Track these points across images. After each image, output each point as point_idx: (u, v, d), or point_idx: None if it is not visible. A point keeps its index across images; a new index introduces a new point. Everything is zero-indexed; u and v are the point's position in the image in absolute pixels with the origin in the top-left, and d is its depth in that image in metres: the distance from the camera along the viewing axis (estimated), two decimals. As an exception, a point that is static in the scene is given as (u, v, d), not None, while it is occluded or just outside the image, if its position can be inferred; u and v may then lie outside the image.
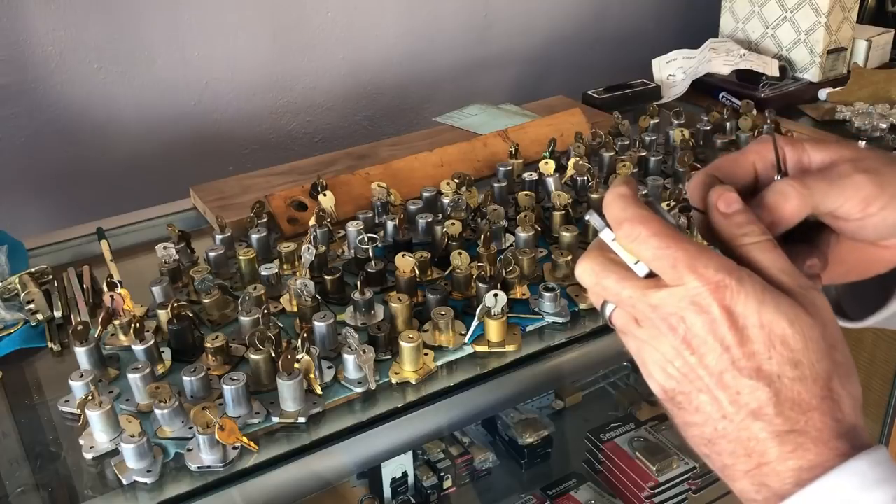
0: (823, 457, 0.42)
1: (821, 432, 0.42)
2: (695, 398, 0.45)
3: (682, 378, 0.45)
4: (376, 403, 0.75)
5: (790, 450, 0.42)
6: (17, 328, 0.86)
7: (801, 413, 0.42)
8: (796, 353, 0.43)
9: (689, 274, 0.42)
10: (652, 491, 1.33)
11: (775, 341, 0.43)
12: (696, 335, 0.43)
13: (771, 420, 0.43)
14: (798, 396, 0.43)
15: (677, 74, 1.51)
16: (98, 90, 1.21)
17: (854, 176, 0.46)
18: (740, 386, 0.43)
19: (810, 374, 0.43)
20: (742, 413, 0.43)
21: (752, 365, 0.43)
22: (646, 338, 0.46)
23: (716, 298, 0.42)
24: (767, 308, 0.42)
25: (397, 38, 1.46)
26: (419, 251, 0.91)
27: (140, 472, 0.67)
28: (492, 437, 1.44)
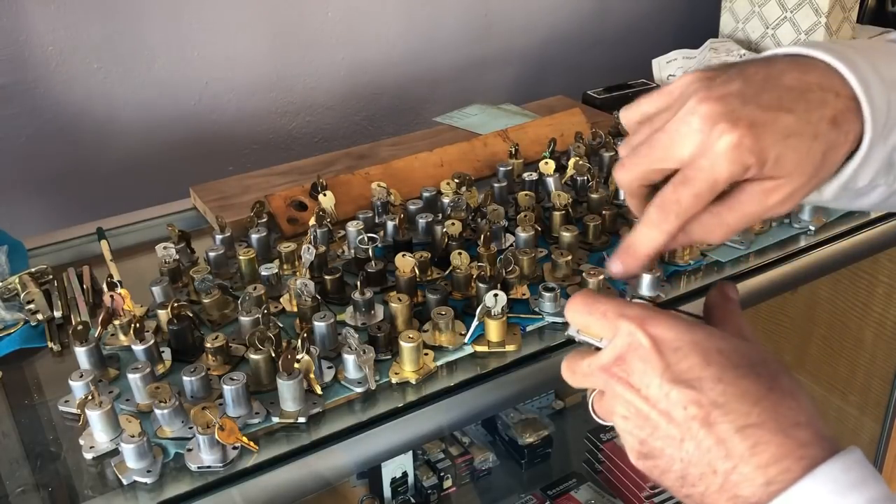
0: (785, 447, 0.42)
1: (777, 422, 0.42)
2: (656, 437, 0.46)
3: (641, 425, 0.47)
4: (376, 403, 0.75)
5: (751, 445, 0.42)
6: (17, 328, 0.86)
7: (751, 405, 0.43)
8: (734, 357, 0.45)
9: (618, 319, 0.48)
10: (652, 491, 1.33)
11: (710, 352, 0.45)
12: (635, 371, 0.47)
13: (723, 420, 0.43)
14: (745, 389, 0.44)
15: (677, 74, 1.50)
16: (98, 90, 1.21)
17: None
18: (685, 399, 0.44)
19: (753, 372, 0.45)
20: (696, 425, 0.44)
21: (692, 376, 0.45)
22: (608, 407, 0.49)
23: (643, 330, 0.46)
24: (696, 329, 0.46)
25: (397, 38, 1.46)
26: (419, 251, 0.91)
27: (140, 472, 0.67)
28: (492, 437, 1.44)
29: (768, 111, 0.45)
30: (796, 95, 0.46)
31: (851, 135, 0.47)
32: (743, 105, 0.45)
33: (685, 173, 0.46)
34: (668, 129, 0.47)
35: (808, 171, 0.46)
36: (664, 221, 0.48)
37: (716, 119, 0.45)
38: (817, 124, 0.45)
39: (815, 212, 1.02)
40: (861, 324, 1.48)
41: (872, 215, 1.05)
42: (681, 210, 0.47)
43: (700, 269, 0.95)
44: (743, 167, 0.45)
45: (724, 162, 0.45)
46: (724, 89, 0.46)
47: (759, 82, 0.46)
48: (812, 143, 0.45)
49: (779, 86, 0.46)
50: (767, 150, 0.45)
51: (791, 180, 0.46)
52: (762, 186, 0.47)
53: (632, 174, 0.49)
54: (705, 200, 0.47)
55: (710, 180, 0.46)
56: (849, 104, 0.46)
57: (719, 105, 0.45)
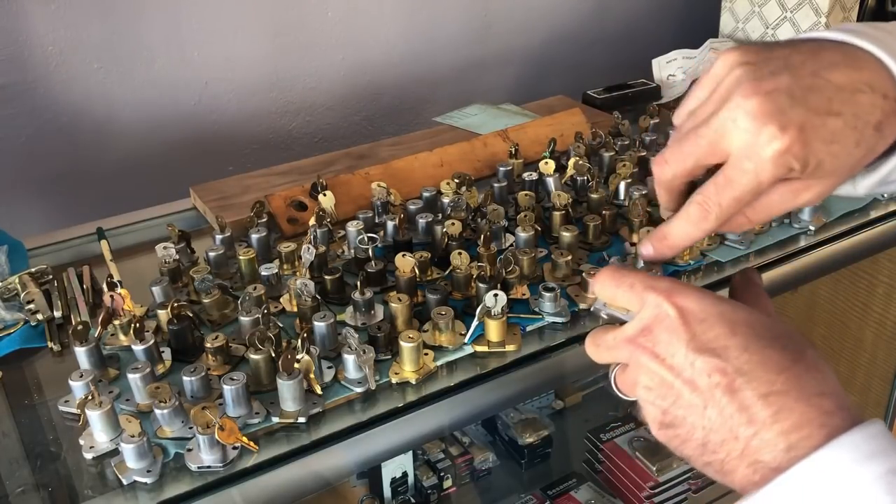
0: (807, 415, 0.42)
1: (800, 390, 0.42)
2: (679, 405, 0.46)
3: (664, 394, 0.47)
4: (376, 403, 0.75)
5: (774, 412, 0.42)
6: (17, 328, 0.86)
7: (776, 373, 0.43)
8: (759, 328, 0.45)
9: (646, 291, 0.48)
10: (652, 491, 1.33)
11: (737, 323, 0.45)
12: (660, 341, 0.47)
13: (747, 387, 0.43)
14: (769, 359, 0.44)
15: (677, 74, 1.51)
16: (98, 90, 1.21)
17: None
18: (709, 366, 0.44)
19: (780, 343, 0.45)
20: (719, 392, 0.44)
21: (718, 344, 0.45)
22: (631, 378, 0.49)
23: (670, 302, 0.47)
24: (724, 302, 0.47)
25: (397, 39, 1.46)
26: (419, 251, 0.91)
27: (140, 472, 0.67)
28: (492, 437, 1.44)
29: (817, 114, 0.43)
30: (846, 97, 0.44)
31: (891, 137, 0.46)
32: (792, 105, 0.43)
33: (728, 174, 0.46)
34: (713, 124, 0.45)
35: (844, 174, 0.46)
36: (703, 221, 0.48)
37: (764, 119, 0.43)
38: (863, 130, 0.44)
39: (815, 212, 1.02)
40: (861, 324, 1.48)
41: (872, 215, 1.05)
42: (721, 212, 0.47)
43: (700, 268, 0.95)
44: (787, 171, 0.44)
45: (770, 167, 0.44)
46: (771, 83, 0.44)
47: (807, 77, 0.44)
48: (854, 149, 0.45)
49: (829, 84, 0.44)
50: (812, 157, 0.44)
51: (823, 181, 0.46)
52: (792, 186, 0.46)
53: (674, 170, 0.49)
54: (746, 203, 0.47)
55: (753, 184, 0.45)
56: (894, 106, 0.45)
57: (768, 103, 0.43)
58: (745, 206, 0.47)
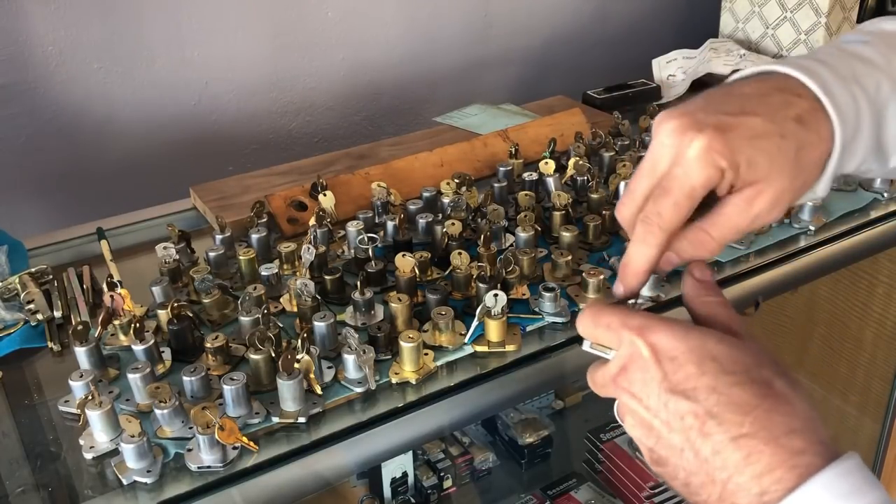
0: (777, 457, 0.42)
1: (769, 430, 0.43)
2: (662, 445, 0.47)
3: (647, 433, 0.48)
4: (376, 403, 0.75)
5: (745, 455, 0.43)
6: (17, 328, 0.86)
7: (744, 415, 0.43)
8: (728, 363, 0.45)
9: (621, 329, 0.49)
10: (652, 491, 1.33)
11: (704, 359, 0.46)
12: (635, 381, 0.48)
13: (717, 431, 0.44)
14: (738, 398, 0.44)
15: (677, 74, 1.51)
16: (98, 90, 1.21)
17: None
18: (681, 409, 0.45)
19: (747, 379, 0.45)
20: (693, 435, 0.45)
21: (688, 386, 0.45)
22: (621, 416, 0.51)
23: (643, 340, 0.47)
24: (692, 335, 0.47)
25: (397, 39, 1.46)
26: (419, 251, 0.91)
27: (140, 472, 0.67)
28: (492, 437, 1.44)
29: (733, 116, 0.47)
30: (757, 100, 0.48)
31: (824, 132, 0.48)
32: (707, 114, 0.47)
33: (662, 185, 0.48)
34: (647, 155, 0.49)
35: (786, 172, 0.47)
36: (650, 234, 0.49)
37: (683, 129, 0.47)
38: (783, 123, 0.47)
39: (815, 212, 1.02)
40: (861, 324, 1.48)
41: (872, 215, 1.05)
42: (663, 222, 0.49)
43: (700, 269, 0.95)
44: (717, 170, 0.46)
45: (697, 167, 0.46)
46: (687, 108, 0.48)
47: (719, 96, 0.49)
48: (781, 141, 0.47)
49: (739, 95, 0.48)
50: (737, 152, 0.46)
51: (770, 183, 0.47)
52: (743, 195, 0.48)
53: (629, 208, 0.51)
54: (685, 209, 0.48)
55: (686, 188, 0.47)
56: (813, 104, 0.48)
57: (685, 118, 0.47)
58: (686, 214, 0.48)
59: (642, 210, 0.50)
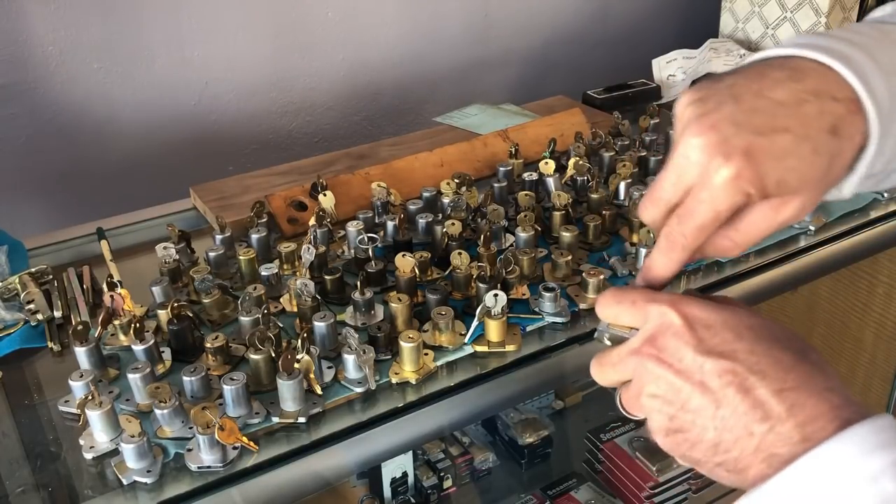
0: (819, 408, 0.43)
1: (810, 386, 0.44)
2: (688, 409, 0.47)
3: (672, 399, 0.48)
4: (376, 403, 0.75)
5: (788, 407, 0.44)
6: (17, 328, 0.86)
7: (786, 371, 0.45)
8: (764, 331, 0.47)
9: (648, 304, 0.49)
10: (652, 491, 1.33)
11: (740, 328, 0.47)
12: (666, 347, 0.48)
13: (760, 385, 0.45)
14: (777, 360, 0.45)
15: (677, 74, 1.51)
16: (98, 90, 1.21)
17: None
18: (720, 367, 0.46)
19: (783, 344, 0.46)
20: (732, 391, 0.45)
21: (726, 348, 0.46)
22: (635, 390, 0.50)
23: (675, 310, 0.48)
24: (726, 308, 0.48)
25: (397, 39, 1.46)
26: (419, 251, 0.91)
27: (140, 472, 0.67)
28: (492, 437, 1.44)
29: (762, 135, 0.45)
30: (790, 111, 0.45)
31: (857, 136, 0.46)
32: (737, 132, 0.45)
33: (688, 205, 0.48)
34: (672, 165, 0.48)
35: (815, 184, 0.46)
36: (672, 251, 0.50)
37: (711, 151, 0.45)
38: (816, 138, 0.45)
39: (815, 212, 1.02)
40: (861, 324, 1.48)
41: (872, 215, 1.05)
42: (687, 242, 0.49)
43: (700, 269, 0.95)
44: (744, 196, 0.45)
45: (723, 194, 0.45)
46: (716, 115, 0.46)
47: (750, 101, 0.46)
48: (813, 158, 0.45)
49: (771, 102, 0.46)
50: (766, 177, 0.45)
51: (798, 195, 0.46)
52: (770, 205, 0.47)
53: (652, 214, 0.51)
54: (710, 231, 0.48)
55: (711, 212, 0.47)
56: (849, 106, 0.46)
57: (713, 135, 0.45)
58: (710, 233, 0.48)
59: (666, 219, 0.50)
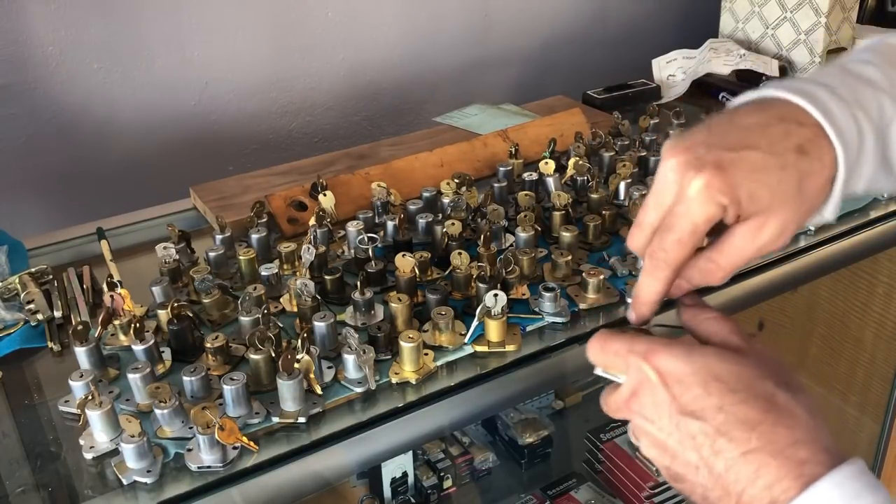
0: (784, 468, 0.44)
1: (774, 444, 0.45)
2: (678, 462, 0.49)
3: (662, 453, 0.50)
4: (376, 403, 0.75)
5: (755, 469, 0.45)
6: (17, 328, 0.86)
7: (750, 430, 0.46)
8: (731, 381, 0.48)
9: (628, 355, 0.51)
10: (652, 491, 1.33)
11: (709, 379, 0.48)
12: (646, 405, 0.50)
13: (727, 448, 0.46)
14: (744, 416, 0.46)
15: (677, 74, 1.51)
16: (98, 90, 1.21)
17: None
18: (692, 429, 0.48)
19: (750, 395, 0.47)
20: (706, 452, 0.47)
21: (696, 407, 0.48)
22: (637, 437, 0.53)
23: (650, 365, 0.50)
24: (695, 356, 0.49)
25: (397, 39, 1.46)
26: (419, 251, 0.91)
27: (140, 472, 0.67)
28: (492, 437, 1.44)
29: (732, 151, 0.48)
30: (758, 132, 0.49)
31: (827, 158, 0.49)
32: (708, 150, 0.48)
33: (667, 221, 0.50)
34: (653, 190, 0.51)
35: (789, 202, 0.49)
36: (657, 269, 0.52)
37: (685, 167, 0.48)
38: (784, 155, 0.48)
39: (815, 212, 1.02)
40: (861, 324, 1.48)
41: (872, 215, 1.05)
42: (668, 257, 0.51)
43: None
44: (718, 206, 0.48)
45: (698, 204, 0.48)
46: (690, 141, 0.49)
47: (722, 127, 0.50)
48: (781, 173, 0.48)
49: (741, 127, 0.50)
50: (737, 188, 0.47)
51: (774, 214, 0.49)
52: (749, 226, 0.49)
53: (639, 240, 0.54)
54: (689, 245, 0.50)
55: (688, 225, 0.49)
56: (815, 131, 0.49)
57: (687, 154, 0.48)
58: (691, 248, 0.51)
59: (651, 242, 0.52)
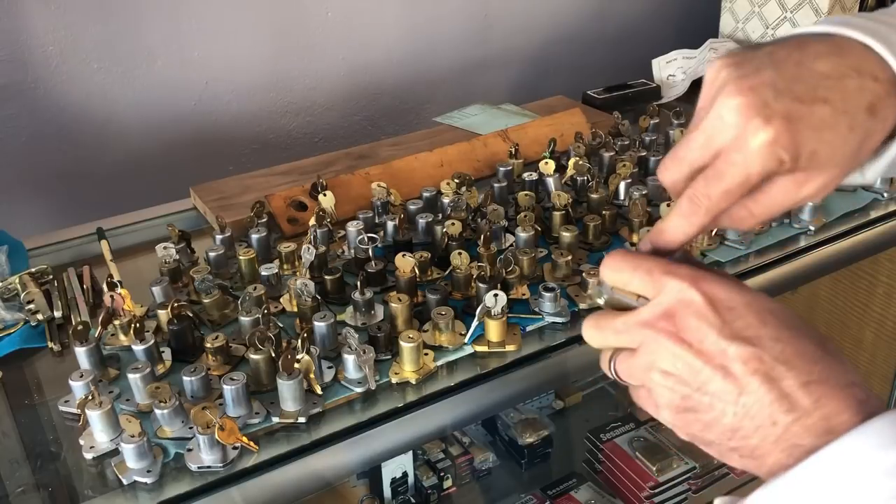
0: (846, 402, 0.43)
1: (835, 379, 0.44)
2: (705, 391, 0.46)
3: (689, 379, 0.46)
4: (376, 403, 0.75)
5: (815, 399, 0.43)
6: (17, 328, 0.86)
7: (812, 363, 0.44)
8: (787, 319, 0.46)
9: (666, 276, 0.47)
10: (652, 491, 1.33)
11: (764, 313, 0.46)
12: (687, 327, 0.46)
13: (787, 376, 0.44)
14: (802, 350, 0.44)
15: (677, 74, 1.51)
16: (98, 90, 1.21)
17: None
18: (745, 354, 0.44)
19: (806, 334, 0.45)
20: (756, 381, 0.44)
21: (751, 333, 0.45)
22: (643, 363, 0.48)
23: (697, 288, 0.46)
24: (746, 290, 0.46)
25: (397, 39, 1.46)
26: (419, 251, 0.91)
27: (140, 472, 0.67)
28: (492, 437, 1.44)
29: (803, 103, 0.43)
30: (832, 83, 0.44)
31: (890, 119, 0.45)
32: (776, 97, 0.43)
33: (717, 167, 0.46)
34: (704, 126, 0.46)
35: (842, 163, 0.45)
36: (694, 215, 0.47)
37: (749, 113, 0.43)
38: (854, 115, 0.44)
39: (815, 212, 1.02)
40: (861, 324, 1.48)
41: (872, 215, 1.05)
42: (711, 205, 0.46)
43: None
44: (777, 163, 0.44)
45: (758, 158, 0.44)
46: (755, 79, 0.44)
47: (791, 69, 0.44)
48: (848, 134, 0.44)
49: (813, 73, 0.44)
50: (802, 146, 0.43)
51: (824, 172, 0.45)
52: (794, 178, 0.46)
53: (672, 175, 0.49)
54: (736, 196, 0.46)
55: (742, 176, 0.45)
56: (888, 88, 0.45)
57: (752, 96, 0.43)
58: (736, 200, 0.46)
59: (690, 181, 0.48)
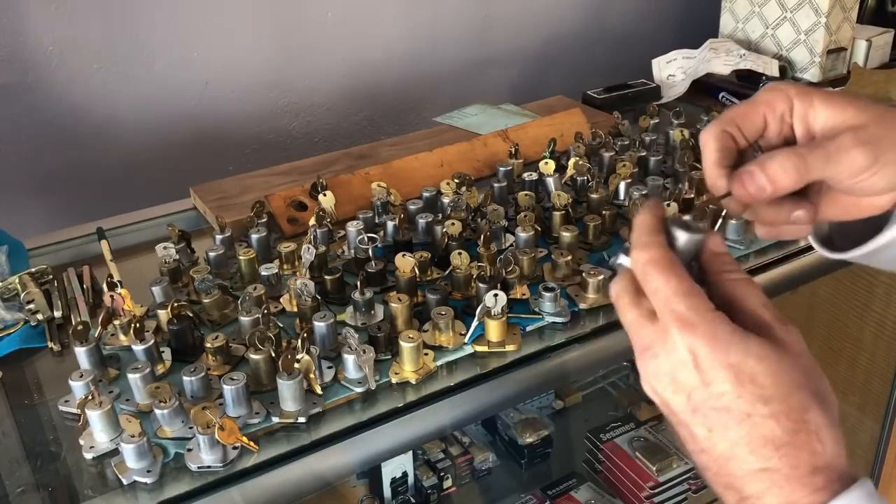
0: (797, 494, 0.42)
1: (794, 469, 0.43)
2: (679, 426, 0.47)
3: (666, 402, 0.47)
4: (376, 403, 0.75)
5: (766, 486, 0.43)
6: (17, 328, 0.86)
7: (774, 450, 0.43)
8: (766, 389, 0.44)
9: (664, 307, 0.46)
10: (652, 491, 1.33)
11: (744, 380, 0.44)
12: (665, 373, 0.46)
13: (744, 458, 0.44)
14: (770, 433, 0.43)
15: (677, 74, 1.51)
16: (98, 90, 1.21)
17: (852, 151, 0.47)
18: (711, 423, 0.44)
19: (782, 409, 0.44)
20: (717, 450, 0.44)
21: (720, 404, 0.44)
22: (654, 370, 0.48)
23: (683, 340, 0.45)
24: (735, 348, 0.44)
25: (397, 39, 1.46)
26: (419, 251, 0.91)
27: (140, 472, 0.67)
28: (492, 437, 1.44)
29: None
30: None
31: None
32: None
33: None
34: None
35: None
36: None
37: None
38: None
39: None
40: (861, 324, 1.48)
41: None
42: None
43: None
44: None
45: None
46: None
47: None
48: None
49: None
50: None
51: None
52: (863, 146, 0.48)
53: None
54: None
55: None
56: None
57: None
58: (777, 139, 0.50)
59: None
